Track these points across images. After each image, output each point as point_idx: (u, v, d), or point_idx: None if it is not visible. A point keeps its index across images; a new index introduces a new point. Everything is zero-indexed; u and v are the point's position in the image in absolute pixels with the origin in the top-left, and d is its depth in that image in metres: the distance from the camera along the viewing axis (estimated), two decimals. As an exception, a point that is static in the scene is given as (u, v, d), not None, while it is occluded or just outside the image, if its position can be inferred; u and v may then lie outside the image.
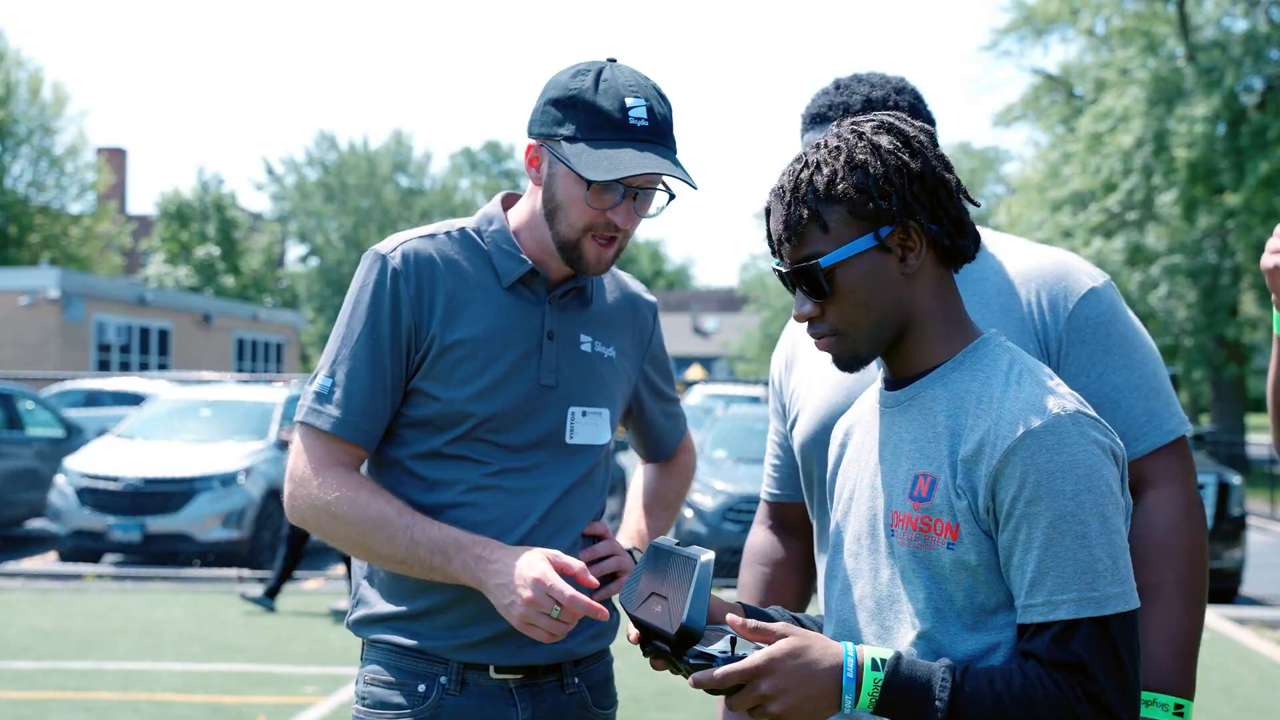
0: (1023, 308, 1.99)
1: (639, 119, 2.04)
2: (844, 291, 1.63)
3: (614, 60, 2.11)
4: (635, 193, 2.06)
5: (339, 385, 2.08)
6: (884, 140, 1.63)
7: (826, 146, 1.65)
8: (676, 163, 2.05)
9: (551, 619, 1.92)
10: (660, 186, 2.09)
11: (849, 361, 1.67)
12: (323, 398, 2.09)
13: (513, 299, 2.14)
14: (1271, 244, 1.78)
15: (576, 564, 1.95)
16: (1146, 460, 1.97)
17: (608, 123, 2.03)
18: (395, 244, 2.13)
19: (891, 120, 1.66)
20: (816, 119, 2.13)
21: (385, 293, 2.09)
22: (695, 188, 2.07)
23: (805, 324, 1.68)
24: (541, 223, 2.13)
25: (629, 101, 2.04)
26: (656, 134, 2.05)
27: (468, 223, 2.20)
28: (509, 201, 2.24)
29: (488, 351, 2.09)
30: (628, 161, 2.00)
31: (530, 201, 2.17)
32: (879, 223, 1.61)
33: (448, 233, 2.17)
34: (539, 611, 1.91)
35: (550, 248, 2.13)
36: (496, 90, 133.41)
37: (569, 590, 1.91)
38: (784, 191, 1.66)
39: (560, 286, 2.17)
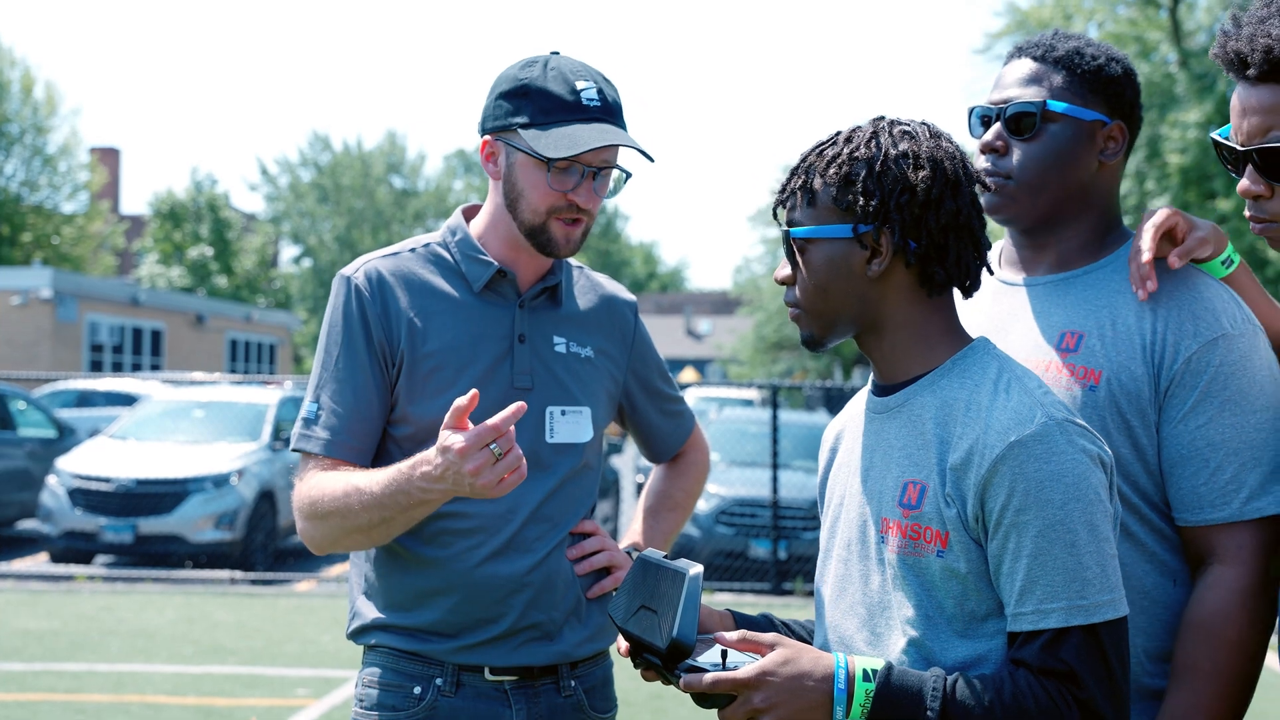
0: (1148, 333, 1.85)
1: (591, 99, 2.08)
2: (808, 268, 1.66)
3: (557, 52, 2.15)
4: (594, 172, 2.10)
5: (324, 408, 2.11)
6: (900, 146, 1.63)
7: (856, 129, 1.68)
8: (630, 137, 2.09)
9: (498, 455, 1.82)
10: (617, 166, 2.12)
11: (807, 340, 1.71)
12: (310, 422, 2.12)
13: (482, 306, 2.16)
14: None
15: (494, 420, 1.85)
16: (1220, 530, 1.80)
17: (561, 105, 2.06)
18: (358, 265, 2.18)
19: (920, 130, 1.66)
20: (1018, 50, 2.01)
21: (354, 312, 2.12)
22: (651, 160, 2.12)
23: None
24: (505, 218, 2.15)
25: (579, 85, 2.08)
26: (608, 113, 2.09)
27: (432, 238, 2.24)
28: (470, 213, 2.27)
29: (458, 361, 2.11)
30: (585, 136, 2.04)
31: (492, 201, 2.20)
32: (857, 218, 1.62)
33: (412, 249, 2.21)
34: (480, 457, 1.81)
35: (517, 243, 2.16)
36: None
37: (489, 422, 1.82)
38: (803, 156, 1.69)
39: (530, 289, 2.19)
